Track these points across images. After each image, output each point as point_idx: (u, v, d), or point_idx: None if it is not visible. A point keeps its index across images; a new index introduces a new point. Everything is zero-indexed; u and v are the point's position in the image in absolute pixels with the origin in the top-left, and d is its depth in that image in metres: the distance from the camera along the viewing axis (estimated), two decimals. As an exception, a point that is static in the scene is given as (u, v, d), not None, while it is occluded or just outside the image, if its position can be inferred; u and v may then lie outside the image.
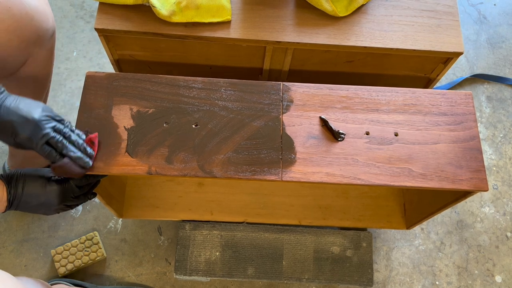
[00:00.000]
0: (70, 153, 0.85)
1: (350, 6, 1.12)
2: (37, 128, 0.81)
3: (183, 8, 1.06)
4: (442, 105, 1.01)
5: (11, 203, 0.86)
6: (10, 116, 0.79)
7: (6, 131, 0.80)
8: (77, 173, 0.87)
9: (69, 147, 0.84)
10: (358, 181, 0.93)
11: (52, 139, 0.82)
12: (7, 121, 0.79)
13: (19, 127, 0.79)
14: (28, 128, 0.80)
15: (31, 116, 0.80)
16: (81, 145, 0.87)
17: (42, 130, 0.81)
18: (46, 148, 0.83)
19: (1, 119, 0.79)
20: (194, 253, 1.32)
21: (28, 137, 0.80)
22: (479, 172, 0.95)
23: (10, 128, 0.79)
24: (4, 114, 0.79)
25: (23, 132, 0.80)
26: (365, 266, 1.33)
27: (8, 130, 0.80)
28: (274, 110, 0.98)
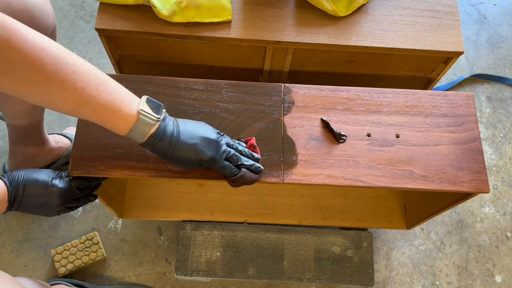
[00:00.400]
0: (245, 163, 0.88)
1: (350, 6, 1.12)
2: (218, 147, 0.85)
3: (183, 8, 1.06)
4: (443, 106, 1.01)
5: (12, 203, 0.86)
6: (193, 140, 0.82)
7: (190, 155, 0.83)
8: (254, 179, 0.90)
9: (242, 158, 0.88)
10: (360, 183, 0.92)
11: (229, 154, 0.86)
12: (191, 144, 0.82)
13: (204, 149, 0.83)
14: (211, 148, 0.84)
15: (210, 136, 0.84)
16: (248, 152, 0.90)
17: (222, 147, 0.85)
18: (226, 164, 0.86)
19: (185, 144, 0.82)
20: (195, 253, 1.31)
21: (212, 157, 0.84)
22: (480, 174, 0.95)
23: (195, 151, 0.83)
24: (185, 138, 0.82)
25: (208, 153, 0.84)
26: (366, 266, 1.33)
27: (193, 153, 0.83)
28: (275, 111, 0.98)
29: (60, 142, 1.42)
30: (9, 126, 1.26)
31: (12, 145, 1.32)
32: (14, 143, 1.31)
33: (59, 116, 1.57)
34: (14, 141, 1.30)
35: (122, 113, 0.78)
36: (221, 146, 0.85)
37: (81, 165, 0.90)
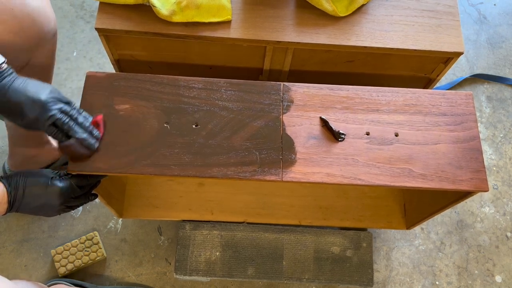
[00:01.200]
0: (76, 135, 0.87)
1: (350, 6, 1.12)
2: (44, 109, 0.83)
3: (183, 8, 1.06)
4: (442, 105, 1.01)
5: (11, 204, 0.86)
6: (18, 98, 0.82)
7: (14, 112, 0.83)
8: (82, 153, 0.89)
9: (74, 129, 0.87)
10: (359, 181, 0.93)
11: (59, 121, 0.85)
12: (15, 102, 0.82)
13: (26, 108, 0.82)
14: (35, 109, 0.83)
15: (38, 97, 0.83)
16: (88, 127, 0.89)
17: (49, 111, 0.83)
18: (52, 129, 0.85)
19: (10, 100, 0.81)
20: (194, 253, 1.31)
21: (35, 117, 0.83)
22: (480, 173, 0.95)
23: (19, 109, 0.82)
24: (12, 95, 0.82)
25: (30, 114, 0.83)
26: (365, 266, 1.33)
27: (17, 111, 0.82)
28: (275, 110, 0.98)
29: (59, 142, 1.42)
30: (9, 126, 1.26)
31: (12, 146, 1.33)
32: (14, 144, 1.31)
33: (60, 116, 1.57)
34: (14, 142, 1.31)
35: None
36: (49, 110, 0.83)
37: (80, 163, 0.91)
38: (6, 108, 0.83)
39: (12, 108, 0.83)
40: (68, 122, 0.86)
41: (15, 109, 0.82)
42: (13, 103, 0.82)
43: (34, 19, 0.96)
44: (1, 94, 0.82)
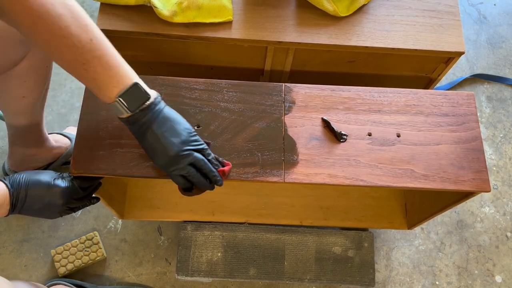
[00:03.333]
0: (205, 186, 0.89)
1: (351, 6, 1.12)
2: (171, 164, 0.84)
3: (184, 9, 1.06)
4: (444, 106, 1.01)
5: (14, 206, 0.86)
6: (155, 144, 0.83)
7: (149, 152, 0.86)
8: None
9: (201, 183, 0.87)
10: (361, 182, 0.92)
11: (188, 173, 0.85)
12: (152, 147, 0.84)
13: (156, 156, 0.84)
14: (163, 161, 0.84)
15: (168, 152, 0.83)
16: (213, 176, 0.88)
17: (177, 165, 0.84)
18: (179, 180, 0.87)
19: (149, 143, 0.83)
20: (196, 253, 1.31)
21: (162, 165, 0.85)
22: (481, 173, 0.95)
23: (152, 152, 0.85)
24: (152, 138, 0.83)
25: (158, 162, 0.85)
26: (367, 266, 1.33)
27: (150, 152, 0.85)
28: (276, 111, 0.98)
29: (59, 142, 1.42)
30: (9, 125, 1.26)
31: (11, 145, 1.32)
32: (14, 143, 1.31)
33: (59, 116, 1.57)
34: (14, 141, 1.30)
35: (120, 80, 0.78)
36: (178, 163, 0.84)
37: (83, 164, 0.90)
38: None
39: (149, 149, 0.85)
40: (195, 175, 0.86)
41: (150, 150, 0.85)
42: (151, 146, 0.84)
43: None
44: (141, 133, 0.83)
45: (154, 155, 0.84)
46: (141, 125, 0.81)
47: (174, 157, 0.82)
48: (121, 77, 0.78)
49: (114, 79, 0.78)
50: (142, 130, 0.82)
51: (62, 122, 1.56)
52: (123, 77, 0.78)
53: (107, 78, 0.77)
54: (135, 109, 0.79)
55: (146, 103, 0.80)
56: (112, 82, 0.77)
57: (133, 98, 0.79)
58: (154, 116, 0.81)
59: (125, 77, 0.79)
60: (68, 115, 1.57)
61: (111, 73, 0.77)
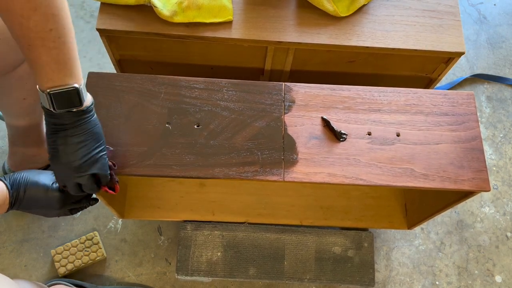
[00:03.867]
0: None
1: (351, 6, 1.13)
2: (65, 173, 0.83)
3: (184, 8, 1.06)
4: (443, 105, 1.01)
5: (12, 205, 0.86)
6: (60, 147, 0.81)
7: (49, 149, 0.83)
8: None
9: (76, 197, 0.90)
10: (360, 181, 0.93)
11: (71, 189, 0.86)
12: (56, 148, 0.81)
13: (55, 158, 0.82)
14: (57, 166, 0.83)
15: (68, 163, 0.81)
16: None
17: (68, 177, 0.83)
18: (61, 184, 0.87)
19: (56, 143, 0.81)
20: (196, 253, 1.31)
21: (53, 168, 0.85)
22: (481, 172, 0.95)
23: (53, 152, 0.82)
24: (60, 140, 0.80)
25: (52, 163, 0.83)
26: (367, 266, 1.33)
27: (50, 150, 0.82)
28: (276, 110, 0.98)
29: (59, 142, 1.42)
30: (9, 126, 1.26)
31: (11, 145, 1.32)
32: (14, 144, 1.31)
33: (60, 117, 1.57)
34: (14, 141, 1.30)
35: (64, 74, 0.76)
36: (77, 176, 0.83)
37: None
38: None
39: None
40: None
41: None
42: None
43: None
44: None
45: (53, 156, 0.82)
46: (59, 124, 0.79)
47: (71, 169, 0.82)
48: (62, 75, 0.75)
49: (54, 74, 0.74)
50: (57, 128, 0.79)
51: (62, 122, 1.56)
52: (65, 76, 0.75)
53: (49, 70, 0.74)
54: (61, 109, 0.77)
55: (73, 109, 0.77)
56: (52, 76, 0.75)
57: (64, 100, 0.76)
58: (74, 123, 0.79)
59: (67, 77, 0.75)
60: (68, 115, 1.57)
61: (56, 68, 0.74)
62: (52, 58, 0.73)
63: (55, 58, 0.73)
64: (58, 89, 0.75)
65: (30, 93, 1.13)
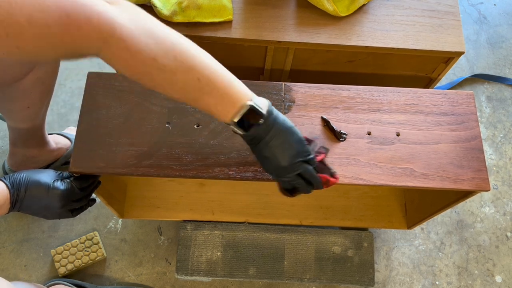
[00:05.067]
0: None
1: (351, 6, 1.13)
2: (281, 173, 0.83)
3: (184, 8, 1.06)
4: (443, 105, 1.01)
5: (13, 205, 0.86)
6: (267, 154, 0.82)
7: (260, 160, 0.84)
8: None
9: (304, 189, 0.87)
10: (360, 181, 0.92)
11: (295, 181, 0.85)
12: (264, 157, 0.82)
13: (268, 165, 0.84)
14: (273, 170, 0.84)
15: (280, 164, 0.82)
16: (317, 184, 0.87)
17: (287, 174, 0.83)
18: (286, 184, 0.86)
19: (261, 153, 0.82)
20: (196, 253, 1.31)
21: (272, 173, 0.85)
22: (481, 172, 0.95)
23: (263, 161, 0.84)
24: (264, 150, 0.81)
25: (268, 170, 0.84)
26: (367, 266, 1.33)
27: (261, 160, 0.84)
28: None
29: (60, 143, 1.42)
30: (10, 128, 1.25)
31: (12, 146, 1.32)
32: (15, 145, 1.31)
33: (59, 116, 1.57)
34: (15, 142, 1.30)
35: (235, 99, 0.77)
36: (288, 173, 0.83)
37: (82, 163, 0.91)
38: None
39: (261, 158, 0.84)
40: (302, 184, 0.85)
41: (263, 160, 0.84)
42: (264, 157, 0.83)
43: None
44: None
45: (265, 164, 0.83)
46: (254, 138, 0.80)
47: (285, 168, 0.82)
48: (233, 103, 0.77)
49: (227, 107, 0.77)
50: (255, 142, 0.81)
51: (62, 122, 1.56)
52: (235, 102, 0.77)
53: (220, 107, 0.77)
54: (251, 128, 0.79)
55: (260, 121, 0.79)
56: (226, 109, 0.77)
57: (247, 120, 0.78)
58: (267, 130, 0.80)
59: (237, 102, 0.77)
60: (68, 115, 1.58)
61: (224, 102, 0.76)
62: (216, 96, 0.75)
63: (218, 94, 0.76)
64: (237, 115, 0.77)
65: (34, 102, 1.13)
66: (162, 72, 0.71)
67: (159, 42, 0.70)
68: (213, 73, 0.75)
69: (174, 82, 0.73)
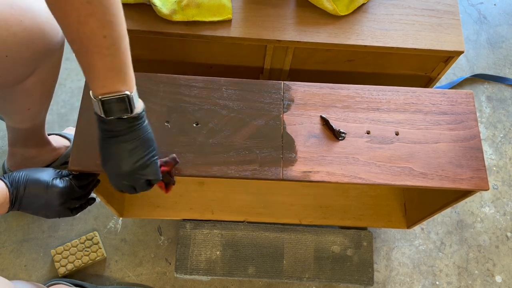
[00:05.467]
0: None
1: (351, 5, 1.13)
2: (117, 178, 0.84)
3: (184, 7, 1.06)
4: (442, 104, 1.01)
5: (13, 203, 0.86)
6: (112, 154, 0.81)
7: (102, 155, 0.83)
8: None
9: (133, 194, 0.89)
10: (359, 180, 0.93)
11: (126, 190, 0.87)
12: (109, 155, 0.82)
13: (107, 164, 0.83)
14: (110, 171, 0.84)
15: (119, 170, 0.82)
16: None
17: (121, 182, 0.84)
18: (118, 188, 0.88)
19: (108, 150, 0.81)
20: (195, 252, 1.31)
21: (107, 173, 0.85)
22: (480, 171, 0.95)
23: (104, 157, 0.83)
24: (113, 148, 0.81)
25: (105, 168, 0.84)
26: (366, 265, 1.33)
27: (103, 156, 0.83)
28: (275, 109, 0.98)
29: (59, 143, 1.42)
30: (10, 128, 1.25)
31: (11, 146, 1.32)
32: (14, 145, 1.31)
33: (59, 116, 1.57)
34: (14, 143, 1.30)
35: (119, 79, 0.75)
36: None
37: (81, 161, 0.91)
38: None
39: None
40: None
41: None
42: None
43: (44, 31, 0.95)
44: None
45: (106, 161, 0.82)
46: (110, 130, 0.79)
47: (124, 174, 0.82)
48: (115, 82, 0.75)
49: (106, 80, 0.74)
50: (108, 134, 0.79)
51: (62, 122, 1.57)
52: (118, 83, 0.75)
53: (101, 75, 0.74)
54: (111, 116, 0.77)
55: (124, 116, 0.77)
56: (105, 82, 0.74)
57: (115, 107, 0.76)
58: (127, 130, 0.79)
59: (119, 84, 0.75)
60: (68, 115, 1.58)
61: (107, 74, 0.74)
62: (106, 65, 0.73)
63: (108, 65, 0.73)
64: (110, 96, 0.75)
65: (35, 104, 1.13)
66: (84, 6, 0.68)
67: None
68: (120, 44, 0.74)
69: (85, 22, 0.69)
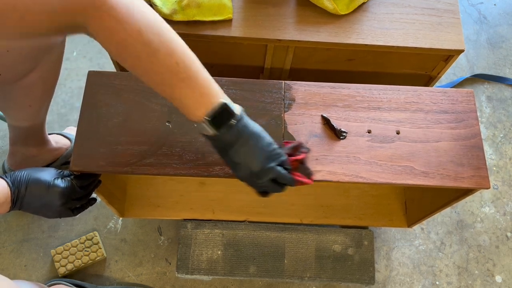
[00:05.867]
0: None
1: (351, 4, 1.13)
2: (253, 178, 0.84)
3: (184, 7, 1.06)
4: (443, 103, 1.01)
5: (14, 203, 0.86)
6: (238, 160, 0.82)
7: (231, 166, 0.84)
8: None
9: (277, 191, 0.87)
10: (360, 179, 0.92)
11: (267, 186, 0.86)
12: (235, 162, 0.82)
13: (238, 171, 0.83)
14: (245, 175, 0.84)
15: (251, 169, 0.82)
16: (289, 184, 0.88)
17: (259, 179, 0.83)
18: (259, 189, 0.87)
19: (232, 159, 0.82)
20: (196, 252, 1.31)
21: (243, 178, 0.85)
22: (481, 170, 0.95)
23: (234, 167, 0.84)
24: (235, 156, 0.81)
25: (239, 175, 0.84)
26: (367, 264, 1.33)
27: (232, 166, 0.84)
28: (276, 108, 0.98)
29: (59, 143, 1.42)
30: (11, 127, 1.25)
31: (12, 145, 1.32)
32: (15, 144, 1.31)
33: (59, 116, 1.57)
34: (15, 141, 1.30)
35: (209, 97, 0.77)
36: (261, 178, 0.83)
37: (82, 161, 0.91)
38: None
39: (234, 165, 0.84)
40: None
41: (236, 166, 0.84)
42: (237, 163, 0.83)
43: None
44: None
45: (236, 169, 0.83)
46: (225, 142, 0.80)
47: (256, 173, 0.82)
48: (208, 98, 0.77)
49: (201, 100, 0.77)
50: (226, 147, 0.81)
51: (62, 122, 1.56)
52: (210, 97, 0.77)
53: (194, 99, 0.77)
54: (221, 128, 0.78)
55: (232, 122, 0.79)
56: (199, 102, 0.77)
57: (220, 118, 0.78)
58: (238, 134, 0.80)
59: (212, 97, 0.77)
60: (68, 115, 1.58)
61: (198, 94, 0.77)
62: (193, 87, 0.76)
63: (195, 85, 0.76)
64: (210, 111, 0.77)
65: (35, 101, 1.13)
66: (146, 47, 0.72)
67: (145, 17, 0.72)
68: (192, 63, 0.77)
69: (155, 61, 0.73)
